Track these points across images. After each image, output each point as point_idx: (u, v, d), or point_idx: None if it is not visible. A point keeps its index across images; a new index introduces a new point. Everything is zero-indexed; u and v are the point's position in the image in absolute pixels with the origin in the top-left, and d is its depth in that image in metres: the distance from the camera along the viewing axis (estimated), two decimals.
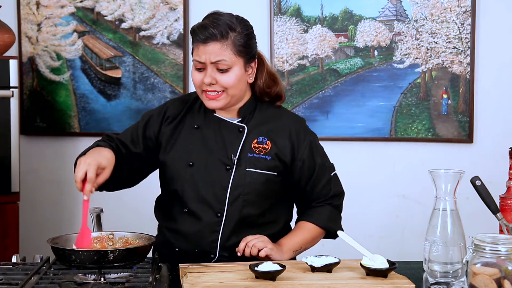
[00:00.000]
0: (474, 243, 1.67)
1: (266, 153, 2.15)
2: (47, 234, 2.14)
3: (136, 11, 3.73)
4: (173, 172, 2.18)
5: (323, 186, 2.21)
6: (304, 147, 2.18)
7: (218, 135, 2.17)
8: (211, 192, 2.13)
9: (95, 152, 2.03)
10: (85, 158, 1.95)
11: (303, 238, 2.18)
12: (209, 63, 2.07)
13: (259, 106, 2.23)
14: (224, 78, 2.08)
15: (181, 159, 2.17)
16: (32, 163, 3.78)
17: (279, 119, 2.22)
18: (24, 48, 3.76)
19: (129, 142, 2.20)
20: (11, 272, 1.82)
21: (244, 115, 2.19)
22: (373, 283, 1.79)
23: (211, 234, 2.13)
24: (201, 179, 2.14)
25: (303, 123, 2.26)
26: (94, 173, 1.92)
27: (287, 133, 2.18)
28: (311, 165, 2.19)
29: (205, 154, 2.16)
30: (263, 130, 2.18)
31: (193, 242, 2.14)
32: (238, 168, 2.13)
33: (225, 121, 2.18)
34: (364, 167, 3.70)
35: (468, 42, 3.57)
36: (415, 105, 3.65)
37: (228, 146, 2.15)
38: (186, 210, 2.15)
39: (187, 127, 2.20)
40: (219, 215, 2.12)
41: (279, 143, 2.16)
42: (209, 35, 2.05)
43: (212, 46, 2.06)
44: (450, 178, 1.93)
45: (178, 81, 3.72)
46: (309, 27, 3.67)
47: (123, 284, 1.70)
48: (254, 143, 2.15)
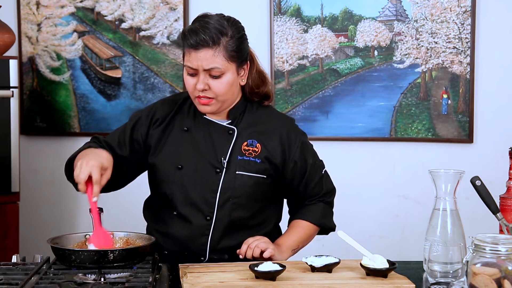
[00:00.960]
0: (474, 243, 1.67)
1: (256, 156, 2.13)
2: (47, 234, 2.14)
3: (136, 11, 3.73)
4: (162, 175, 2.16)
5: (315, 185, 2.21)
6: (296, 148, 2.17)
7: (207, 137, 2.15)
8: (201, 195, 2.11)
9: (93, 153, 2.00)
10: (86, 160, 1.92)
11: (300, 236, 2.19)
12: (202, 70, 2.04)
13: (248, 107, 2.20)
14: (216, 84, 2.05)
15: (171, 161, 2.15)
16: (32, 163, 3.78)
17: (268, 120, 2.20)
18: (24, 48, 3.76)
19: (115, 145, 2.17)
20: (11, 272, 1.82)
21: (234, 117, 2.17)
22: (373, 283, 1.79)
23: (200, 237, 2.12)
24: (191, 182, 2.12)
25: (293, 123, 2.24)
26: (99, 174, 1.90)
27: (277, 135, 2.17)
28: (303, 166, 2.18)
29: (194, 157, 2.14)
30: (253, 133, 2.16)
31: (183, 245, 2.13)
32: (228, 171, 2.11)
33: (214, 123, 2.16)
34: (364, 167, 3.70)
35: (468, 42, 3.57)
36: (415, 105, 3.65)
37: (218, 148, 2.13)
38: (176, 213, 2.14)
39: (176, 130, 2.18)
40: (209, 218, 2.11)
41: (270, 145, 2.15)
42: (200, 41, 2.02)
43: (204, 53, 2.02)
44: (450, 178, 1.93)
45: (178, 81, 3.72)
46: (309, 27, 3.67)
47: (123, 284, 1.70)
48: (244, 146, 2.14)
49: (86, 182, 1.90)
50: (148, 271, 1.82)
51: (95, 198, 1.89)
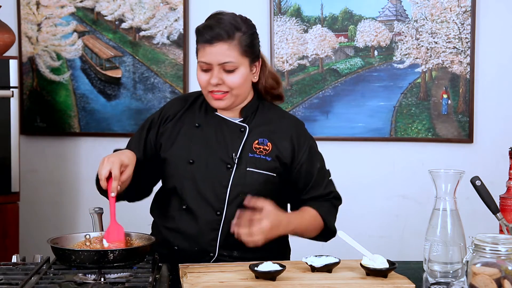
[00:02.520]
0: (474, 243, 1.67)
1: (267, 154, 2.15)
2: (47, 234, 2.15)
3: (136, 11, 3.73)
4: (173, 169, 2.18)
5: (323, 189, 2.21)
6: (304, 151, 2.19)
7: (219, 134, 2.17)
8: (211, 190, 2.13)
9: (116, 152, 2.05)
10: (107, 158, 1.97)
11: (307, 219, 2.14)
12: (216, 64, 2.07)
13: (260, 107, 2.24)
14: (230, 78, 2.09)
15: (182, 156, 2.17)
16: (32, 163, 3.78)
17: (280, 121, 2.23)
18: (24, 48, 3.76)
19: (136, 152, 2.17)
20: (11, 272, 1.82)
21: (246, 115, 2.20)
22: (373, 283, 1.79)
23: (210, 232, 2.12)
24: (201, 177, 2.14)
25: (303, 126, 2.28)
26: (119, 170, 1.94)
27: (288, 135, 2.19)
28: (309, 168, 2.19)
29: (205, 152, 2.16)
30: (264, 131, 2.18)
31: (192, 241, 2.14)
32: (239, 167, 2.13)
33: (227, 121, 2.19)
34: (364, 167, 3.70)
35: (468, 42, 3.57)
36: (415, 105, 3.65)
37: (229, 145, 2.15)
38: (185, 207, 2.15)
39: (188, 125, 2.20)
40: (219, 214, 2.12)
41: (280, 145, 2.17)
42: (216, 35, 2.05)
43: (219, 47, 2.06)
44: (450, 178, 1.93)
45: (178, 81, 3.72)
46: (309, 27, 3.67)
47: (123, 284, 1.70)
48: (255, 144, 2.16)
49: (107, 179, 1.94)
50: (148, 271, 1.82)
51: (113, 193, 1.93)
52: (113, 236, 1.91)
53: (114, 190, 1.93)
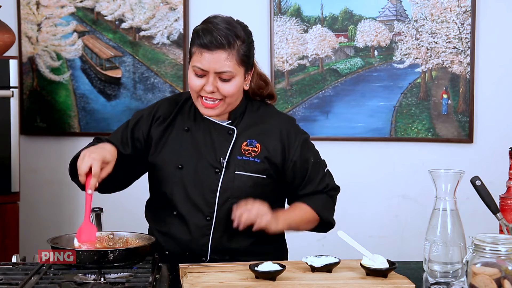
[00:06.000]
0: (474, 243, 1.67)
1: (256, 155, 2.13)
2: (47, 234, 2.14)
3: (136, 11, 3.73)
4: (162, 175, 2.16)
5: (318, 183, 2.19)
6: (296, 148, 2.16)
7: (207, 137, 2.15)
8: (200, 195, 2.11)
9: (98, 147, 2.02)
10: (89, 152, 1.93)
11: (299, 215, 2.15)
12: (213, 72, 2.03)
13: (249, 107, 2.20)
14: (226, 87, 2.05)
15: (171, 161, 2.14)
16: (32, 163, 3.78)
17: (269, 120, 2.19)
18: (24, 48, 3.76)
19: (119, 144, 2.16)
20: (11, 272, 1.82)
21: (234, 117, 2.17)
22: (373, 283, 1.79)
23: (201, 237, 2.11)
24: (190, 182, 2.12)
25: (294, 122, 2.24)
26: (99, 167, 1.91)
27: (277, 134, 2.16)
28: (303, 164, 2.17)
29: (194, 157, 2.13)
30: (253, 133, 2.15)
31: (184, 246, 2.13)
32: (227, 171, 2.11)
33: (215, 123, 2.16)
34: (364, 167, 3.70)
35: (468, 42, 3.57)
36: (415, 105, 3.65)
37: (218, 148, 2.13)
38: (176, 213, 2.14)
39: (177, 129, 2.18)
40: (209, 219, 2.11)
41: (270, 145, 2.14)
42: (216, 43, 2.00)
43: (218, 55, 2.01)
44: (450, 178, 1.93)
45: (178, 81, 3.72)
46: (309, 27, 3.67)
47: (123, 284, 1.70)
48: (244, 146, 2.13)
49: (86, 174, 1.90)
50: (148, 271, 1.82)
51: (90, 190, 1.89)
52: (85, 235, 1.87)
53: (92, 188, 1.89)
